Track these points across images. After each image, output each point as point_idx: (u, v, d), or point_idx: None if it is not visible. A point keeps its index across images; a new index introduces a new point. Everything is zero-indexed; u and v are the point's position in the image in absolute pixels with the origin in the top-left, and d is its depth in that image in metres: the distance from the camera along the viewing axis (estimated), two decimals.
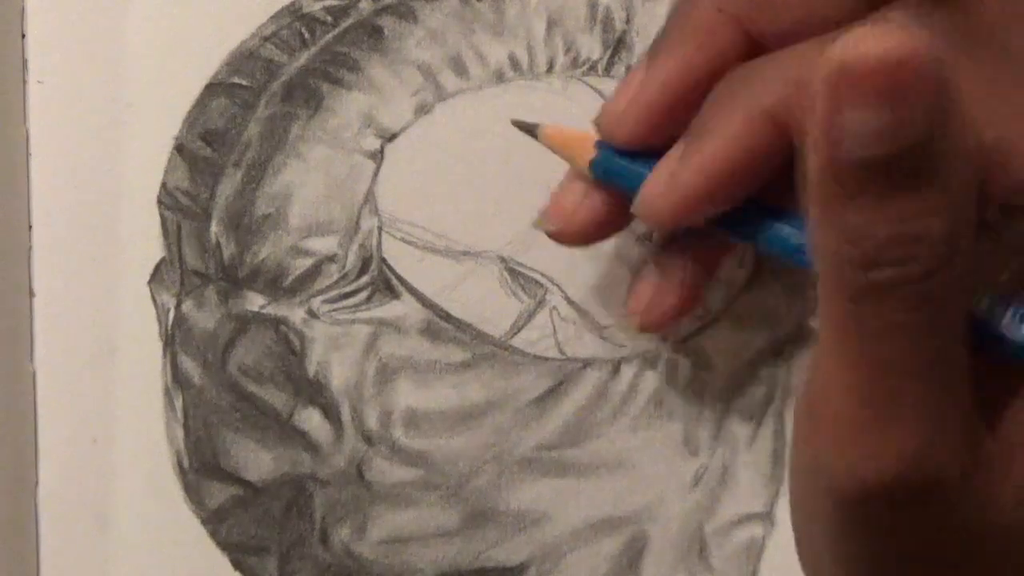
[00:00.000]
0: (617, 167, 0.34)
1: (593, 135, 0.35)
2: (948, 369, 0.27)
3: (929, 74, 0.25)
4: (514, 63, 0.41)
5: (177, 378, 0.40)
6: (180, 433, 0.39)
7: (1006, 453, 0.28)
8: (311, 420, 0.39)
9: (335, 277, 0.40)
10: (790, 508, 0.31)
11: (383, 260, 0.40)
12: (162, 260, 0.40)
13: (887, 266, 0.26)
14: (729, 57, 0.33)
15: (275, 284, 0.40)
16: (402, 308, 0.40)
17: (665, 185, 0.32)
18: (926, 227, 0.26)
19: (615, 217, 0.35)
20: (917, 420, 0.27)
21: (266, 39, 0.41)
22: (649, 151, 0.33)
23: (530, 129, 0.36)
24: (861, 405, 0.27)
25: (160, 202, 0.40)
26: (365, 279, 0.40)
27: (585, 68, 0.41)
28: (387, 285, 0.40)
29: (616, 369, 0.39)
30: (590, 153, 0.35)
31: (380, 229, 0.40)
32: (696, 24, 0.33)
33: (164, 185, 0.40)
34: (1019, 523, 0.28)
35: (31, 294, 0.40)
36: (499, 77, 0.41)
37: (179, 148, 0.40)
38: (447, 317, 0.40)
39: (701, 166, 0.32)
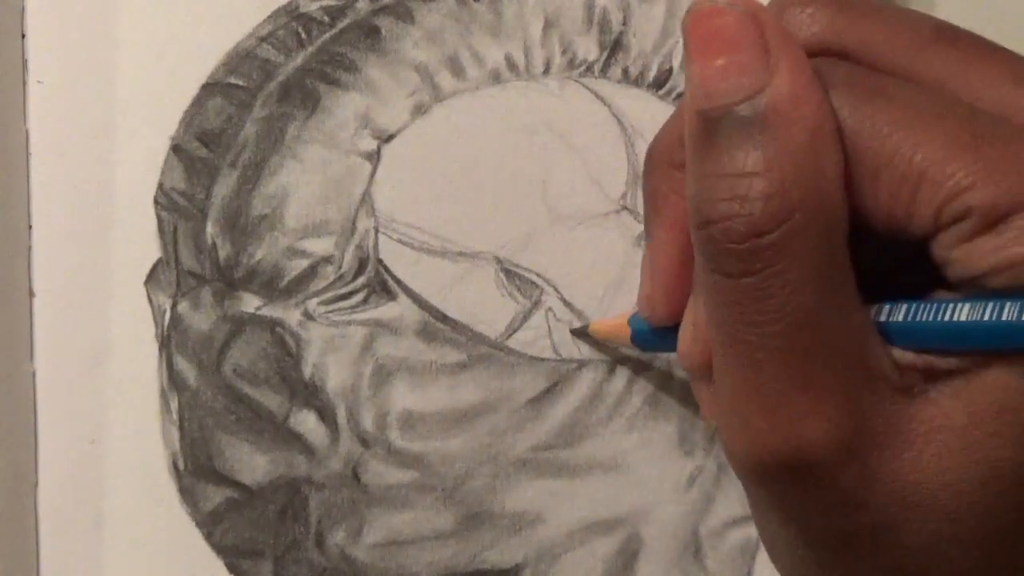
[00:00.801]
0: (649, 336, 0.36)
1: (626, 317, 0.37)
2: (815, 340, 0.27)
3: (756, 30, 0.26)
4: (511, 64, 0.41)
5: (173, 380, 0.40)
6: (176, 435, 0.40)
7: (906, 432, 0.27)
8: (307, 422, 0.39)
9: (331, 278, 0.40)
10: None
11: (379, 261, 0.40)
12: (158, 261, 0.40)
13: (716, 222, 0.27)
14: None
15: (271, 285, 0.40)
16: (398, 309, 0.40)
17: (691, 339, 0.32)
18: (748, 185, 0.26)
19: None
20: (780, 393, 0.27)
21: (263, 39, 0.41)
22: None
23: (584, 332, 0.39)
24: (734, 379, 0.28)
25: (156, 202, 0.40)
26: (361, 280, 0.40)
27: (582, 69, 0.41)
28: (383, 286, 0.40)
29: (612, 370, 0.39)
30: (627, 331, 0.37)
31: (376, 230, 0.40)
32: (660, 207, 0.34)
33: (161, 185, 0.40)
34: (914, 502, 0.27)
35: (31, 294, 0.40)
36: (496, 78, 0.41)
37: (176, 148, 0.40)
38: (443, 318, 0.40)
39: None
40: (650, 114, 0.40)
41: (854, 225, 0.28)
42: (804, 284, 0.26)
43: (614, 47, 0.41)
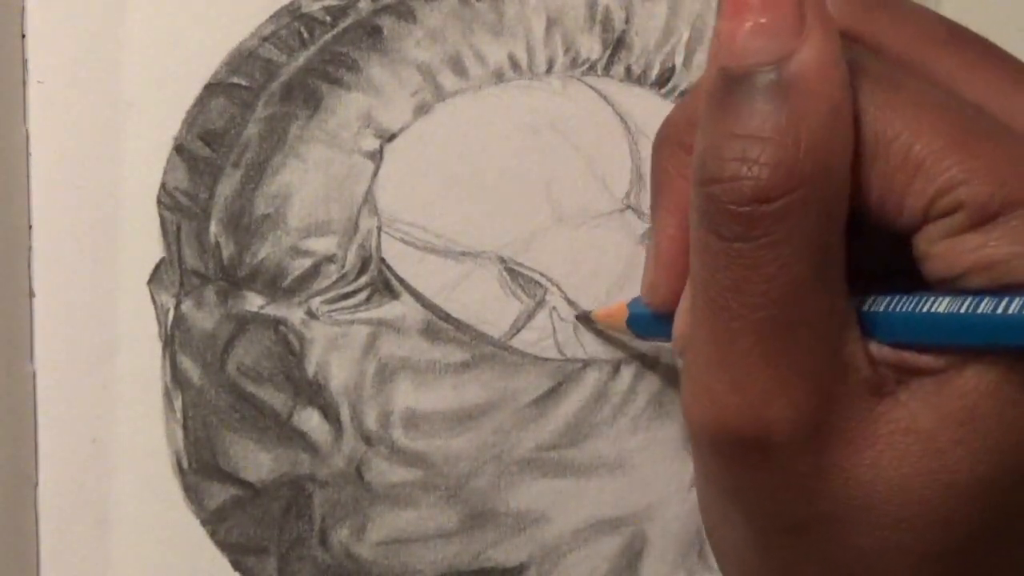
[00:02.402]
0: (648, 322, 0.36)
1: (626, 301, 0.37)
2: (793, 320, 0.27)
3: (789, 3, 0.26)
4: (513, 63, 0.41)
5: (176, 378, 0.40)
6: (179, 433, 0.39)
7: (870, 431, 0.27)
8: (310, 421, 0.39)
9: (334, 277, 0.40)
10: None
11: (382, 260, 0.40)
12: (161, 260, 0.40)
13: (721, 181, 0.26)
14: None
15: (274, 284, 0.40)
16: (401, 308, 0.40)
17: (685, 322, 0.32)
18: (760, 149, 0.26)
19: None
20: (749, 366, 0.27)
21: (265, 39, 0.41)
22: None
23: (586, 318, 0.39)
24: (706, 345, 0.27)
25: (159, 202, 0.40)
26: (364, 279, 0.40)
27: (584, 68, 0.41)
28: (386, 285, 0.40)
29: (616, 370, 0.39)
30: (625, 314, 0.37)
31: (379, 229, 0.40)
32: (664, 189, 0.34)
33: (163, 185, 0.40)
34: (866, 503, 0.27)
35: (31, 294, 0.40)
36: (498, 77, 0.41)
37: (178, 148, 0.40)
38: (446, 317, 0.40)
39: None
40: (653, 112, 0.40)
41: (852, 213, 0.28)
42: (796, 260, 0.26)
43: (617, 45, 0.41)
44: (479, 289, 0.40)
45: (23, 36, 0.41)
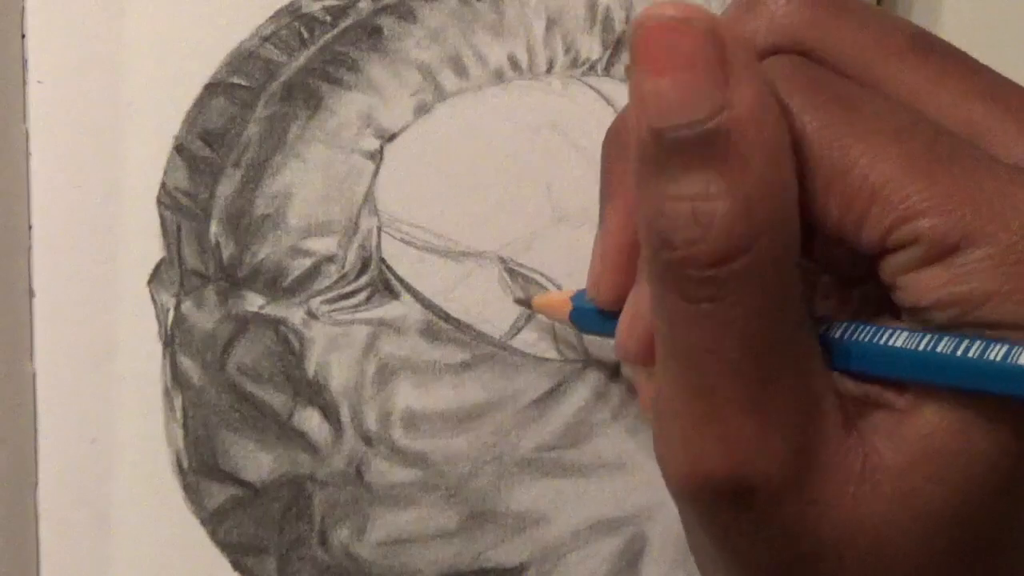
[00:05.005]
0: (590, 317, 0.35)
1: (571, 293, 0.36)
2: (771, 366, 0.26)
3: (715, 46, 0.25)
4: (514, 63, 0.41)
5: (176, 378, 0.40)
6: (179, 433, 0.39)
7: (846, 467, 0.27)
8: (310, 421, 0.39)
9: (334, 277, 0.40)
10: None
11: (382, 260, 0.40)
12: (162, 260, 0.40)
13: (677, 248, 0.25)
14: None
15: (274, 284, 0.40)
16: (401, 308, 0.40)
17: (628, 329, 0.32)
18: (711, 209, 0.25)
19: None
20: (732, 419, 0.26)
21: (265, 39, 0.41)
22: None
23: (527, 303, 0.39)
24: (682, 400, 0.27)
25: (160, 202, 0.40)
26: (364, 279, 0.40)
27: (585, 68, 0.41)
28: (386, 285, 0.40)
29: (616, 370, 0.39)
30: (568, 307, 0.36)
31: (379, 229, 0.40)
32: (611, 188, 0.33)
33: (164, 185, 0.40)
34: (851, 540, 0.27)
35: (31, 294, 0.40)
36: (499, 77, 0.41)
37: (179, 148, 0.40)
38: (447, 317, 0.40)
39: None
40: None
41: (812, 235, 0.27)
42: (764, 311, 0.26)
43: (617, 46, 0.41)
44: (479, 289, 0.40)
45: (23, 36, 0.41)
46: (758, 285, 0.26)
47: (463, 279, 0.40)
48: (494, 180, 0.40)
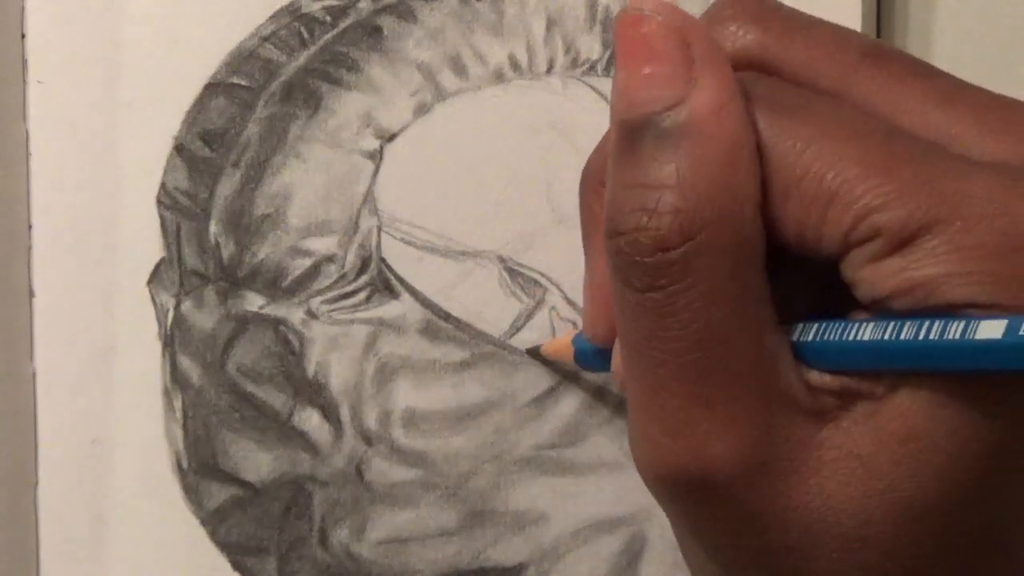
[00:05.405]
0: (591, 356, 0.36)
1: (572, 335, 0.37)
2: (719, 360, 0.26)
3: (679, 40, 0.26)
4: (514, 63, 0.41)
5: (176, 378, 0.40)
6: (179, 433, 0.39)
7: (814, 457, 0.27)
8: (310, 420, 0.39)
9: (334, 277, 0.40)
10: None
11: (382, 260, 0.40)
12: (161, 260, 0.40)
13: (624, 233, 0.26)
14: None
15: (274, 284, 0.40)
16: (401, 308, 0.40)
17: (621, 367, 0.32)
18: (657, 199, 0.26)
19: None
20: (681, 412, 0.27)
21: (265, 39, 0.41)
22: None
23: (536, 352, 0.39)
24: (637, 394, 0.27)
25: (159, 202, 0.40)
26: (364, 279, 0.40)
27: (585, 68, 0.41)
28: (386, 285, 0.40)
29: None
30: (572, 350, 0.37)
31: (379, 229, 0.40)
32: (591, 227, 0.34)
33: (163, 185, 0.40)
34: (819, 528, 0.27)
35: (31, 294, 0.40)
36: (499, 77, 0.41)
37: (178, 148, 0.40)
38: (446, 317, 0.40)
39: None
40: None
41: (776, 246, 0.27)
42: (710, 303, 0.26)
43: None
44: (479, 289, 0.40)
45: (23, 36, 0.41)
46: (703, 276, 0.26)
47: (463, 278, 0.40)
48: (494, 180, 0.40)
